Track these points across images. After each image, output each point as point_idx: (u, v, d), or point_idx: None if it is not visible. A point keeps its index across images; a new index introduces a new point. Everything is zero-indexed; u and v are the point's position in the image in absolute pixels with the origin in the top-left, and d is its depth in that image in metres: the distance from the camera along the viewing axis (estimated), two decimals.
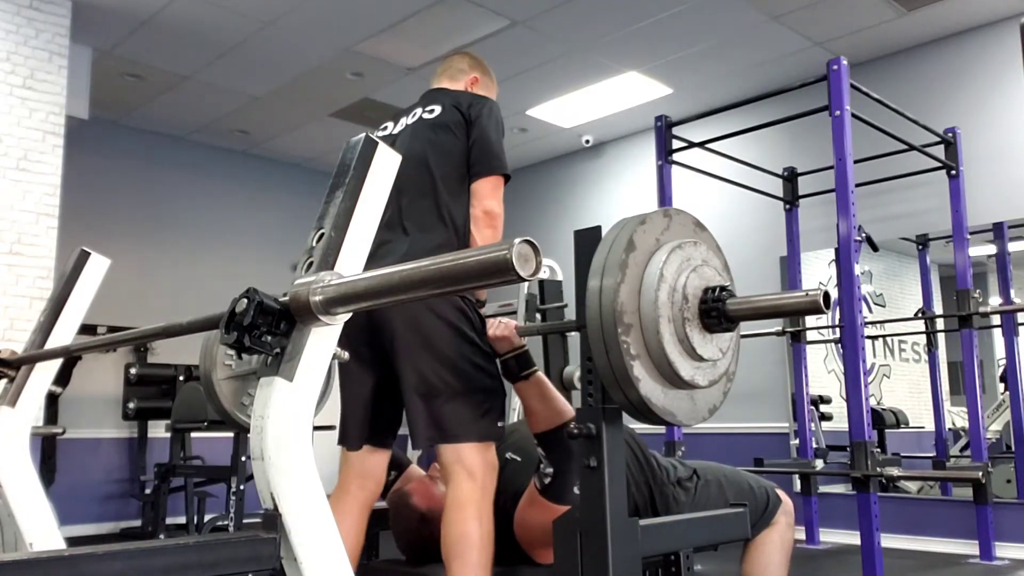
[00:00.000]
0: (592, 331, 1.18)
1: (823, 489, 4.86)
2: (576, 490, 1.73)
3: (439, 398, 1.86)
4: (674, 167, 4.20)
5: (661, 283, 1.19)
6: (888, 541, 3.53)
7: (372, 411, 1.99)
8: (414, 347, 1.87)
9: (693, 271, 1.24)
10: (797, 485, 4.71)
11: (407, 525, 2.00)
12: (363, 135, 1.18)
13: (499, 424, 1.93)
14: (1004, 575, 3.86)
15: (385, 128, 2.26)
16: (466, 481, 1.82)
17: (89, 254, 1.90)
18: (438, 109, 2.13)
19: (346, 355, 1.11)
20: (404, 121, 2.19)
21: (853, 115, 3.43)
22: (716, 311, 1.21)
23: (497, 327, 1.89)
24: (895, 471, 3.41)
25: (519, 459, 1.98)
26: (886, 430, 5.40)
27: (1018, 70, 4.43)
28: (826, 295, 1.18)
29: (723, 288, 1.22)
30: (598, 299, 1.18)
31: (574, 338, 4.65)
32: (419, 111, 2.17)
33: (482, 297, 2.06)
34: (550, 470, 1.77)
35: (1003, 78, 4.66)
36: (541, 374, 1.90)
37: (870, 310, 5.55)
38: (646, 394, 1.17)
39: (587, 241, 1.50)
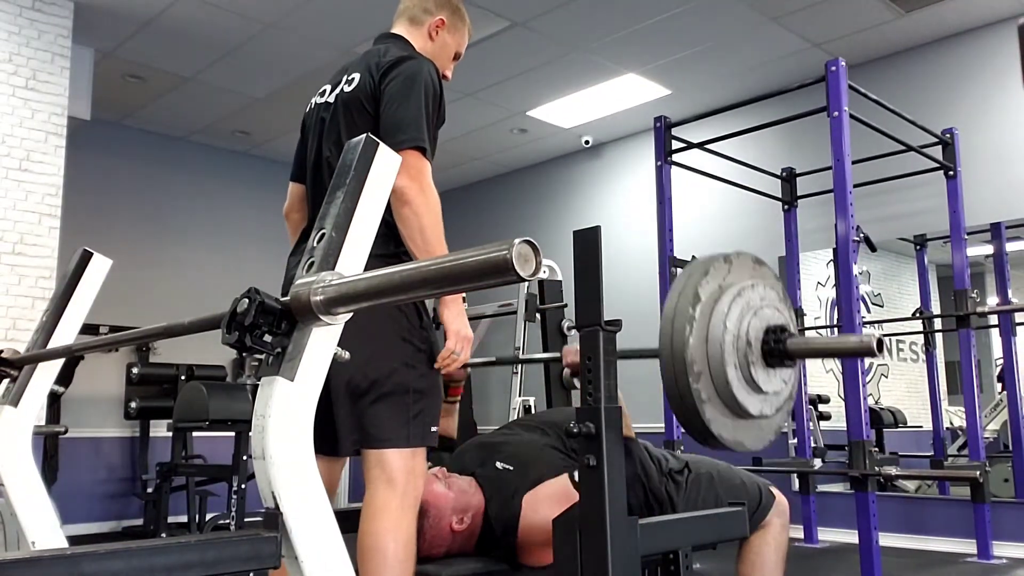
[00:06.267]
0: (667, 380, 1.27)
1: (821, 488, 4.87)
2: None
3: (364, 399, 1.72)
4: (673, 167, 4.21)
5: (725, 334, 1.28)
6: (886, 540, 3.55)
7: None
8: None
9: (754, 315, 1.33)
10: (796, 484, 4.72)
11: None
12: (363, 136, 1.18)
13: (432, 429, 1.78)
14: (1001, 574, 3.86)
15: (323, 93, 1.98)
16: (384, 488, 1.68)
17: (91, 254, 1.90)
18: (356, 79, 1.85)
19: (346, 355, 1.11)
20: (336, 90, 1.92)
21: (851, 116, 3.43)
22: (778, 352, 1.31)
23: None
24: (893, 470, 3.42)
25: (511, 468, 1.93)
26: (884, 429, 5.41)
27: (1016, 71, 4.44)
28: (879, 340, 1.26)
29: (783, 328, 1.31)
30: (670, 348, 1.26)
31: (573, 338, 4.65)
32: (342, 80, 1.89)
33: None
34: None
35: (1001, 79, 4.66)
36: None
37: (868, 310, 5.56)
38: (718, 432, 1.28)
39: (587, 241, 1.51)
